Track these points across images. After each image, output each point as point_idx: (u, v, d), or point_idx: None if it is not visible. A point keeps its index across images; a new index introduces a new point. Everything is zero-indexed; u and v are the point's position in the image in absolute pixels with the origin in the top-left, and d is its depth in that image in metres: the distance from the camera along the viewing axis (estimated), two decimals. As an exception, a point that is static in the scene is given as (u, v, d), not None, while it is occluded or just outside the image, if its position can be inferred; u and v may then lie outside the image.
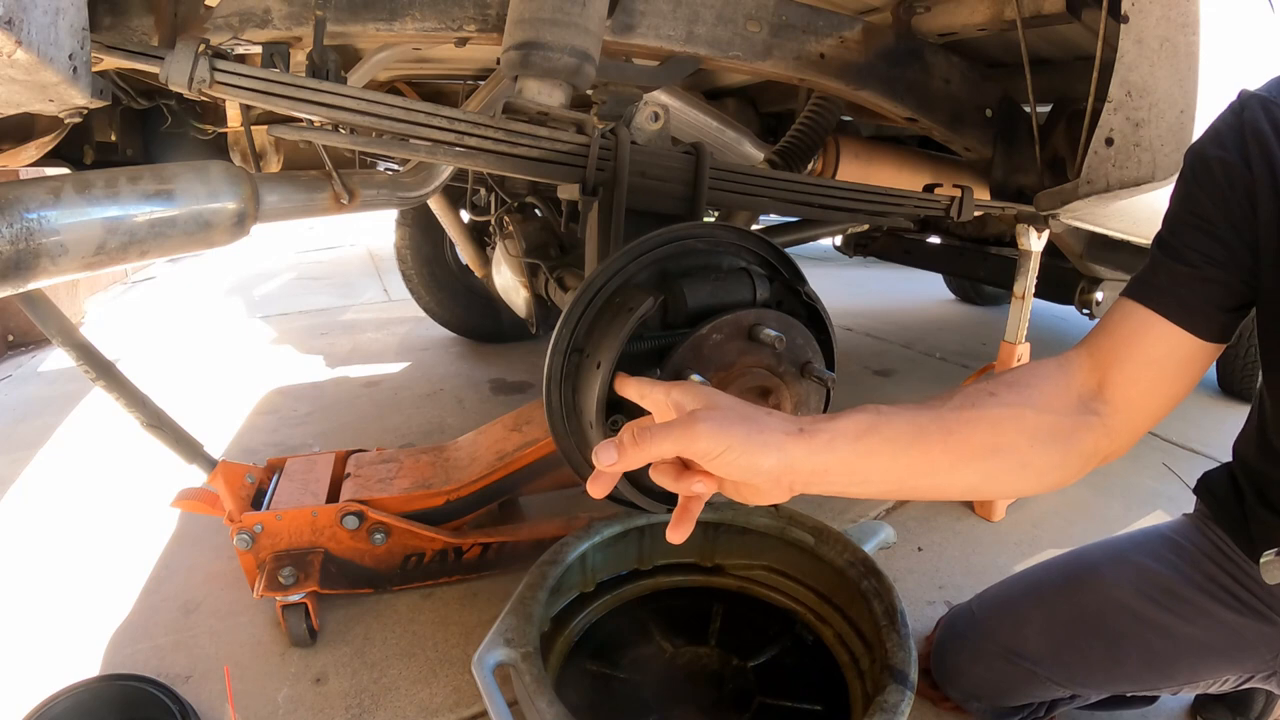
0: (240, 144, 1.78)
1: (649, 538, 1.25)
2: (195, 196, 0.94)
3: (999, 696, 1.08)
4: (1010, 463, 0.64)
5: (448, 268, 2.96)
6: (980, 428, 0.63)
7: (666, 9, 1.11)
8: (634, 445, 0.56)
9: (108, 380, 1.26)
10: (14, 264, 0.77)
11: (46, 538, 1.67)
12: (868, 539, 1.24)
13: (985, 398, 0.66)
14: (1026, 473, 0.66)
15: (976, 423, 0.63)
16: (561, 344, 0.81)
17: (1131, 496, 1.94)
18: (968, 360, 3.14)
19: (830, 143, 1.69)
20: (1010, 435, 0.64)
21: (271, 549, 1.32)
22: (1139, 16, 1.00)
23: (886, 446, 0.60)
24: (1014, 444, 0.64)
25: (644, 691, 1.10)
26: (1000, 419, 0.64)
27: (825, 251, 3.83)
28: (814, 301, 0.86)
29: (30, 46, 0.56)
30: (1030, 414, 0.65)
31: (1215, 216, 0.70)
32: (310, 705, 1.18)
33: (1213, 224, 0.70)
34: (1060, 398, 0.68)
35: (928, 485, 0.63)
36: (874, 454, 0.60)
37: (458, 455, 1.57)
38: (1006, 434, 0.64)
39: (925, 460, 0.61)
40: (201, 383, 2.69)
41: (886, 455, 0.60)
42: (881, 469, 0.60)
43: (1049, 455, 0.66)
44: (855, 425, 0.59)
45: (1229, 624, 0.93)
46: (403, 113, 0.85)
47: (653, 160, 0.94)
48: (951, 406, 0.65)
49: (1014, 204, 1.44)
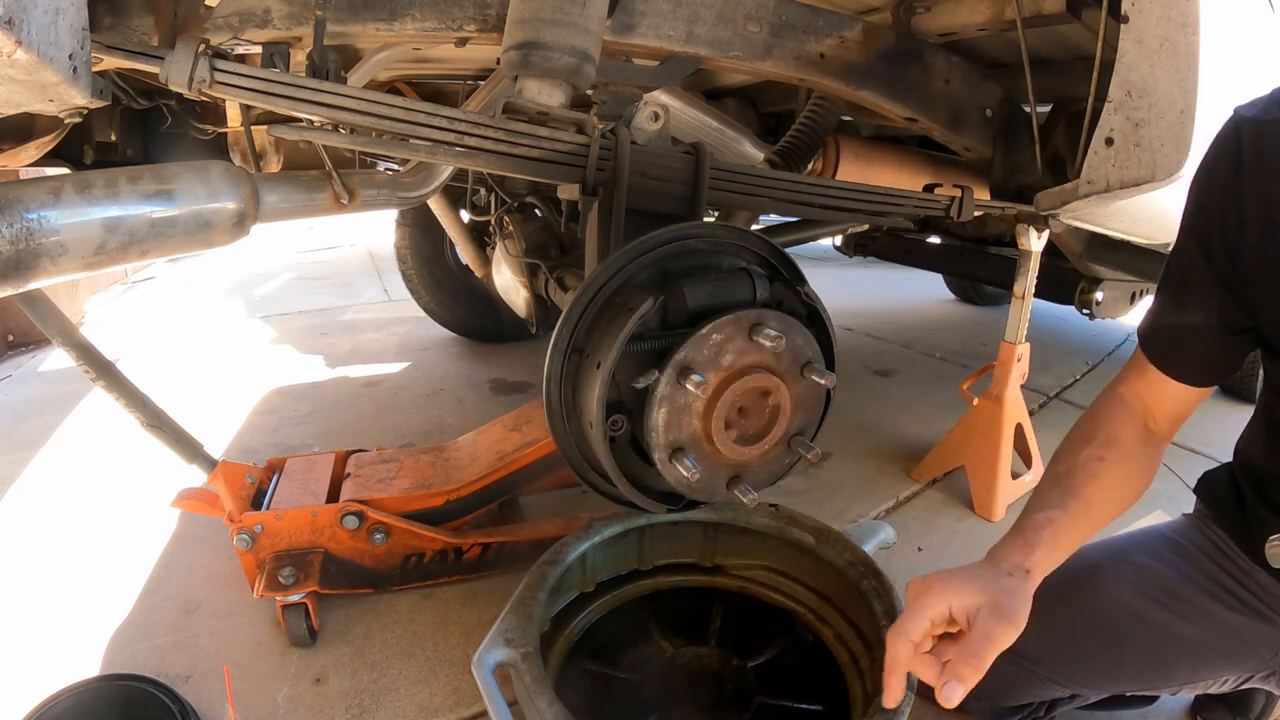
0: (240, 144, 1.78)
1: (649, 538, 1.25)
2: (195, 196, 0.94)
3: (999, 696, 1.08)
4: (1130, 495, 0.90)
5: (448, 268, 2.96)
6: (1109, 491, 0.87)
7: (666, 9, 1.11)
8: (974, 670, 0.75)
9: (108, 380, 1.26)
10: (14, 264, 0.77)
11: (46, 538, 1.67)
12: (868, 539, 1.23)
13: (1097, 463, 0.87)
14: (1139, 483, 0.90)
15: (1106, 489, 0.87)
16: (561, 344, 0.81)
17: (1131, 496, 1.93)
18: (968, 360, 3.14)
19: (830, 143, 1.69)
20: (1125, 482, 0.88)
21: (271, 549, 1.32)
22: (1139, 16, 1.00)
23: (1068, 537, 0.84)
24: (1129, 486, 0.89)
25: (644, 691, 1.10)
26: (1116, 478, 0.87)
27: (825, 251, 3.83)
28: (814, 301, 0.86)
29: (30, 46, 0.56)
30: (1128, 460, 0.88)
31: (1214, 248, 0.80)
32: (310, 705, 1.18)
33: (1210, 260, 0.81)
34: (1136, 437, 0.90)
35: (1096, 532, 0.87)
36: (1066, 549, 0.84)
37: (458, 455, 1.57)
38: (1124, 485, 0.88)
39: (1092, 523, 0.86)
40: (201, 383, 2.70)
41: (1071, 545, 0.85)
42: (1070, 548, 0.85)
43: (1146, 477, 0.91)
44: (1046, 544, 0.82)
45: (1229, 624, 0.93)
46: (403, 113, 0.85)
47: (653, 160, 0.94)
48: (1082, 481, 0.86)
49: (1014, 204, 1.44)
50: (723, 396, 0.78)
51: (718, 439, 0.80)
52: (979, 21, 1.25)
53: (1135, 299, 2.25)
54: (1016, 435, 1.87)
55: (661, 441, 0.79)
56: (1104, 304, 2.13)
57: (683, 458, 0.79)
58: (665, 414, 0.78)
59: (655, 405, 0.77)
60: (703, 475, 0.82)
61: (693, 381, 0.75)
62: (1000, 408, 1.83)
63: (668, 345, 0.77)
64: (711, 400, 0.79)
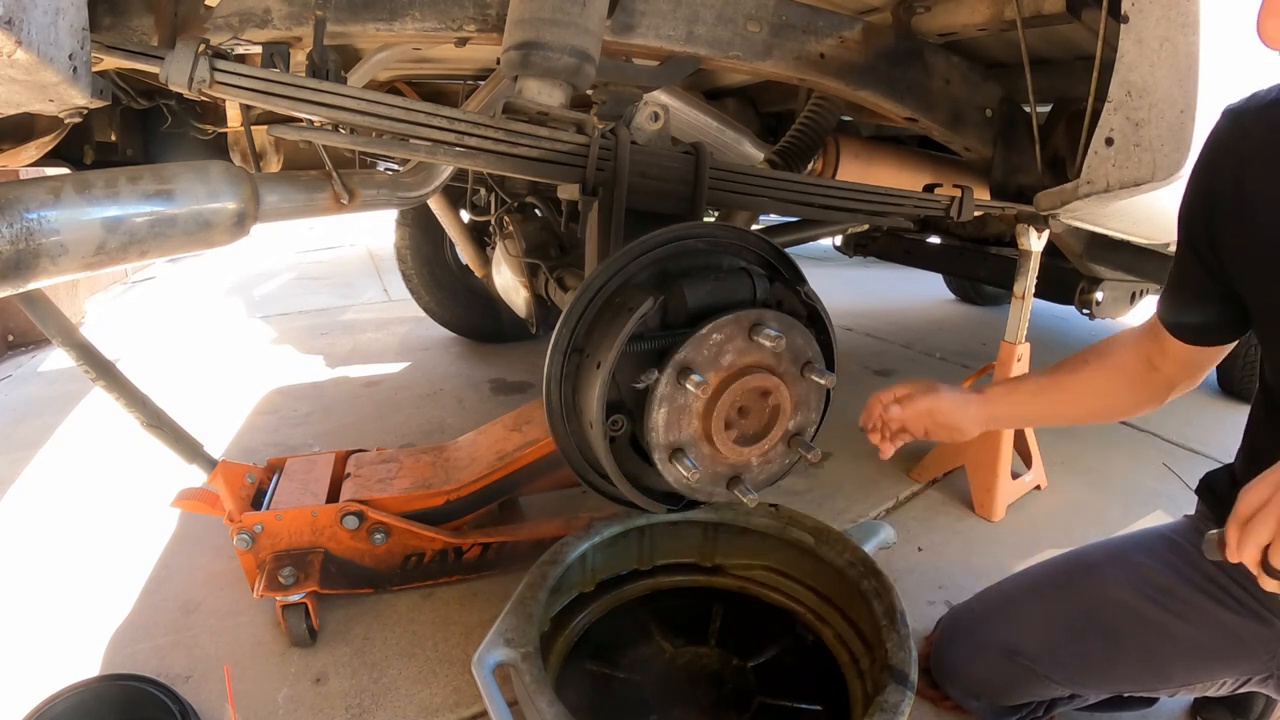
0: (240, 144, 1.78)
1: (649, 538, 1.25)
2: (195, 196, 0.94)
3: (998, 695, 1.08)
4: (1111, 405, 1.03)
5: (448, 268, 2.96)
6: (1082, 382, 1.01)
7: (666, 9, 1.11)
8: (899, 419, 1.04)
9: (108, 380, 1.26)
10: (14, 264, 0.77)
11: (46, 538, 1.67)
12: (868, 539, 1.23)
13: (1082, 365, 1.01)
14: (1121, 400, 1.02)
15: (1084, 384, 1.01)
16: (561, 344, 0.81)
17: (1131, 496, 1.94)
18: (968, 360, 3.14)
19: (830, 143, 1.69)
20: (1107, 388, 1.01)
21: (271, 549, 1.32)
22: (1139, 16, 1.00)
23: (1027, 399, 1.02)
24: (1110, 385, 1.01)
25: (644, 691, 1.10)
26: (1097, 381, 1.01)
27: (825, 251, 3.83)
28: (814, 301, 0.86)
29: (30, 46, 0.56)
30: (1117, 375, 1.00)
31: (1198, 238, 0.86)
32: (310, 705, 1.18)
33: (1198, 245, 0.86)
34: (1134, 362, 0.99)
35: (1061, 418, 1.06)
36: (1021, 405, 1.03)
37: (458, 455, 1.57)
38: (1105, 391, 1.01)
39: (1055, 405, 1.02)
40: (201, 383, 2.69)
41: (1026, 405, 1.02)
42: (1027, 414, 1.05)
43: (1135, 392, 1.00)
44: (1004, 389, 1.03)
45: (1226, 624, 0.93)
46: (403, 113, 0.85)
47: (653, 160, 0.94)
48: (1063, 372, 1.02)
49: (1014, 204, 1.44)
50: (723, 396, 0.78)
51: (718, 439, 0.80)
52: (979, 21, 1.25)
53: (1135, 299, 2.25)
54: (1016, 435, 1.87)
55: (661, 441, 0.79)
56: (1104, 304, 2.13)
57: (682, 458, 0.79)
58: (665, 414, 0.78)
59: (655, 405, 0.77)
60: (703, 475, 0.82)
61: (693, 381, 0.75)
62: (1000, 408, 1.82)
63: (668, 345, 0.77)
64: (711, 400, 0.79)
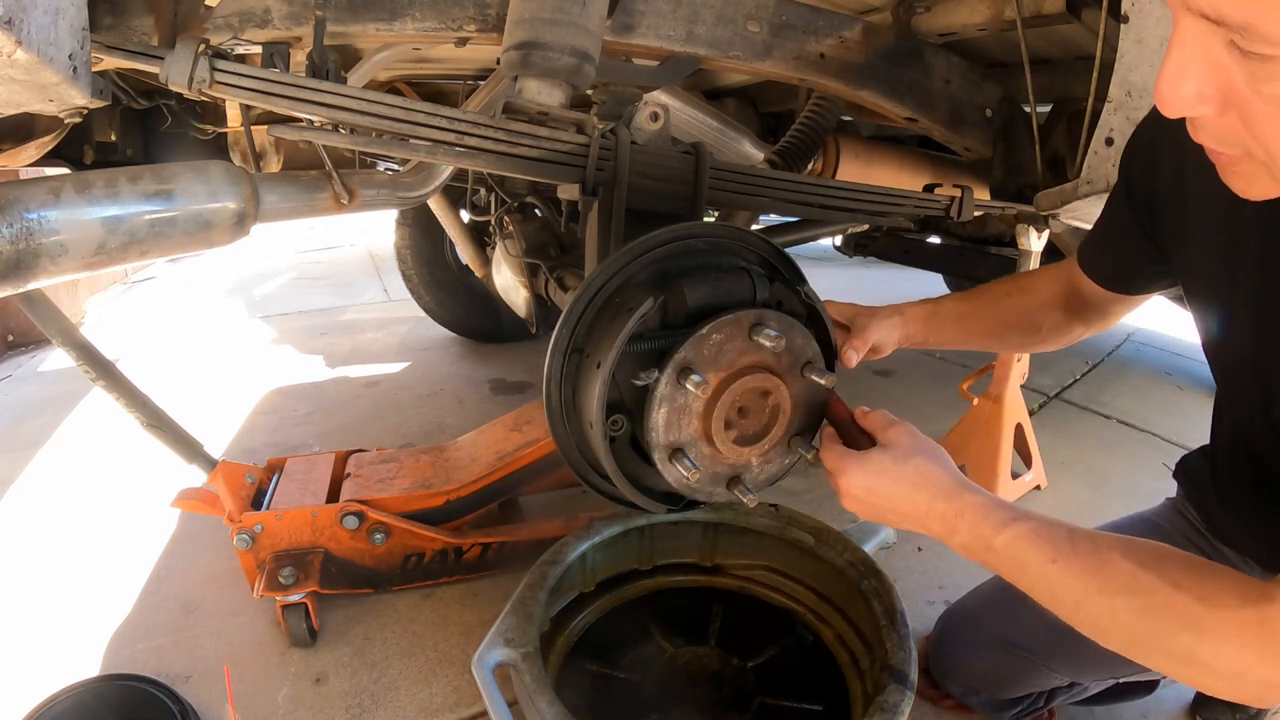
0: (240, 144, 1.78)
1: (649, 538, 1.25)
2: (195, 196, 0.93)
3: (998, 688, 1.08)
4: (1021, 333, 1.05)
5: (448, 268, 2.96)
6: (999, 315, 1.04)
7: (666, 9, 1.11)
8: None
9: (108, 380, 1.26)
10: (14, 264, 0.77)
11: (46, 538, 1.67)
12: (868, 539, 1.23)
13: (1003, 297, 1.05)
14: (1032, 338, 1.05)
15: (999, 312, 1.04)
16: (561, 344, 0.81)
17: (1131, 496, 1.94)
18: (968, 360, 3.13)
19: (830, 143, 1.69)
20: (1019, 318, 1.04)
21: (271, 549, 1.32)
22: (1139, 16, 1.00)
23: (944, 325, 1.02)
24: (1023, 321, 1.04)
25: (644, 691, 1.10)
26: (1010, 309, 1.04)
27: (825, 251, 3.83)
28: (814, 301, 0.86)
29: (30, 46, 0.56)
30: (1031, 307, 1.03)
31: (1138, 194, 0.86)
32: (310, 705, 1.18)
33: (1137, 200, 0.86)
34: (1048, 301, 1.03)
35: (970, 345, 1.05)
36: (936, 331, 1.02)
37: (458, 455, 1.57)
38: (1016, 318, 1.04)
39: (969, 334, 1.03)
40: (201, 383, 2.69)
41: (941, 331, 1.02)
42: (941, 340, 1.02)
43: (1046, 330, 1.04)
44: (924, 310, 1.02)
45: None
46: (403, 113, 0.85)
47: (653, 160, 0.94)
48: (982, 303, 1.05)
49: (1014, 204, 1.44)
50: (722, 396, 0.78)
51: (717, 439, 0.80)
52: (979, 21, 1.25)
53: (1135, 299, 2.25)
54: (1016, 435, 1.87)
55: (661, 441, 0.79)
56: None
57: (682, 458, 0.79)
58: (665, 414, 0.78)
59: (655, 405, 0.76)
60: (702, 475, 0.82)
61: (692, 381, 0.75)
62: (1000, 408, 1.83)
63: (668, 345, 0.77)
64: (711, 400, 0.79)
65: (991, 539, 0.66)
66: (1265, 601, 0.53)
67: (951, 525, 0.69)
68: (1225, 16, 0.43)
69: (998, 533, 0.66)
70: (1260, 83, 0.44)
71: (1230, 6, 0.42)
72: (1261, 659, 0.53)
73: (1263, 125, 0.47)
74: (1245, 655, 0.53)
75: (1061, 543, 0.63)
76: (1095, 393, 2.78)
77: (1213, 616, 0.54)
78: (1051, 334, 1.04)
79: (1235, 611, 0.54)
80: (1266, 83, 0.44)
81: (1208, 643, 0.54)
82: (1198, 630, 0.54)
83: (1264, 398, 0.74)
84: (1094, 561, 0.60)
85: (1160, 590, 0.56)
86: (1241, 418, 0.83)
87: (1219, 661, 0.54)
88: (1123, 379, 2.98)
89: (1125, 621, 0.58)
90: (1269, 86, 0.44)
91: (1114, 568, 0.59)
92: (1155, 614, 0.57)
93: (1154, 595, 0.57)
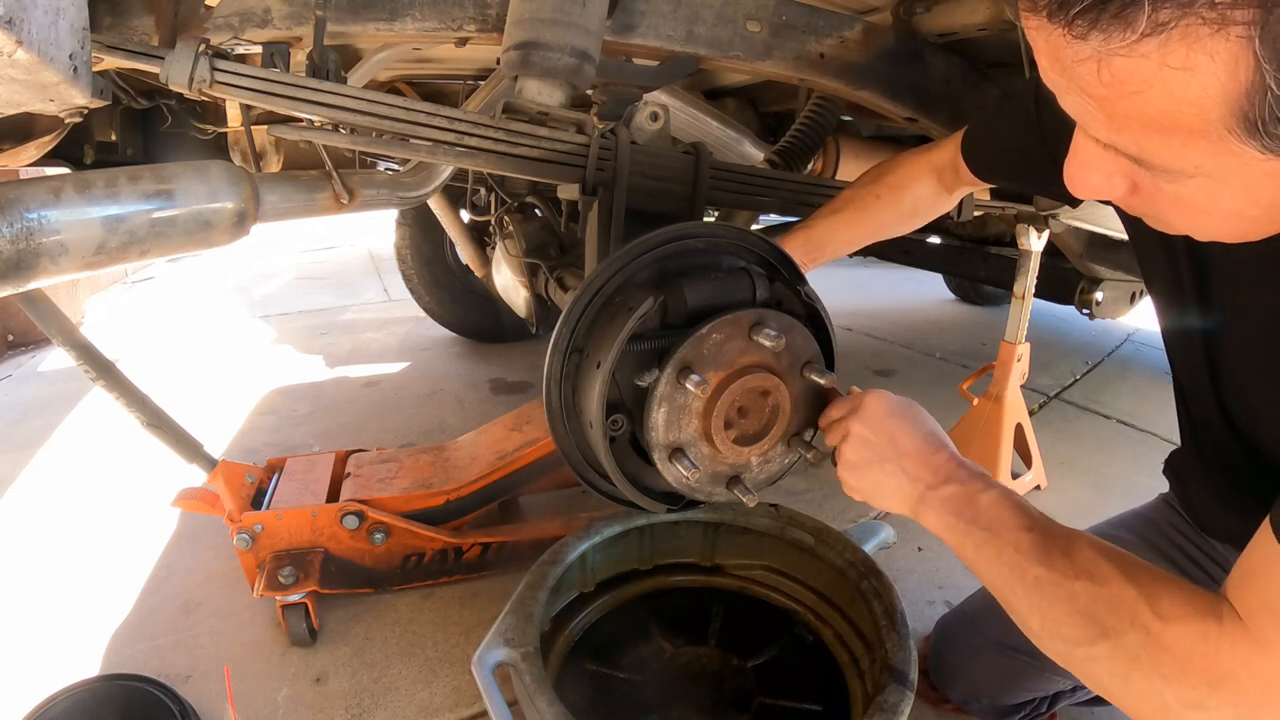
0: (240, 144, 1.78)
1: (649, 538, 1.25)
2: (195, 196, 0.94)
3: (1000, 693, 1.08)
4: (903, 220, 1.08)
5: (448, 268, 2.96)
6: (884, 214, 1.07)
7: (666, 9, 1.11)
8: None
9: (108, 380, 1.26)
10: (14, 264, 0.77)
11: (46, 538, 1.67)
12: (868, 539, 1.23)
13: (873, 201, 1.06)
14: (916, 217, 1.08)
15: (872, 214, 1.07)
16: (561, 344, 0.81)
17: (1131, 496, 1.93)
18: (968, 360, 3.14)
19: (830, 143, 1.69)
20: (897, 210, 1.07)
21: (271, 549, 1.32)
22: (1139, 16, 1.00)
23: (825, 243, 1.06)
24: (901, 210, 1.07)
25: (644, 691, 1.10)
26: (884, 207, 1.06)
27: (825, 251, 3.83)
28: (814, 301, 0.86)
29: (30, 46, 0.56)
30: (907, 197, 1.06)
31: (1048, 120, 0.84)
32: (310, 705, 1.18)
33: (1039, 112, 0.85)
34: (926, 186, 1.05)
35: (862, 246, 1.10)
36: (822, 247, 1.06)
37: (458, 455, 1.57)
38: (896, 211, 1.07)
39: (852, 238, 1.08)
40: (201, 383, 2.70)
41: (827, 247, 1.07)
42: (829, 252, 1.07)
43: (924, 203, 1.07)
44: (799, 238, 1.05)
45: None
46: (403, 113, 0.85)
47: (653, 160, 0.94)
48: (853, 210, 1.07)
49: (1014, 204, 1.44)
50: (722, 396, 0.78)
51: (717, 438, 0.80)
52: (979, 21, 1.25)
53: (1135, 299, 2.26)
54: (1016, 435, 1.87)
55: (661, 441, 0.79)
56: (1104, 304, 2.13)
57: (682, 457, 0.79)
58: (665, 413, 0.78)
59: (655, 405, 0.77)
60: (702, 475, 0.82)
61: (692, 381, 0.75)
62: (1000, 407, 1.83)
63: (668, 345, 0.77)
64: (711, 400, 0.79)
65: (979, 493, 0.69)
66: (1211, 618, 0.52)
67: (948, 473, 0.72)
68: (1120, 148, 0.45)
69: (986, 489, 0.69)
70: (1164, 183, 0.46)
71: (1124, 141, 0.44)
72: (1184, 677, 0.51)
73: (1168, 211, 0.50)
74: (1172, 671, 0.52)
75: (1039, 517, 0.65)
76: (1095, 393, 2.78)
77: (1157, 623, 0.53)
78: (929, 214, 1.10)
79: (1181, 624, 0.52)
80: (1170, 184, 0.46)
81: (1150, 646, 0.53)
82: (1144, 630, 0.54)
83: (1216, 392, 0.75)
84: (1064, 543, 0.61)
85: (1115, 581, 0.56)
86: (1196, 411, 0.84)
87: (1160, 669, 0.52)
88: (1123, 379, 2.98)
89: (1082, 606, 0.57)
90: (1172, 187, 0.46)
91: (1081, 554, 0.60)
92: (1109, 606, 0.56)
93: (1110, 586, 0.56)
